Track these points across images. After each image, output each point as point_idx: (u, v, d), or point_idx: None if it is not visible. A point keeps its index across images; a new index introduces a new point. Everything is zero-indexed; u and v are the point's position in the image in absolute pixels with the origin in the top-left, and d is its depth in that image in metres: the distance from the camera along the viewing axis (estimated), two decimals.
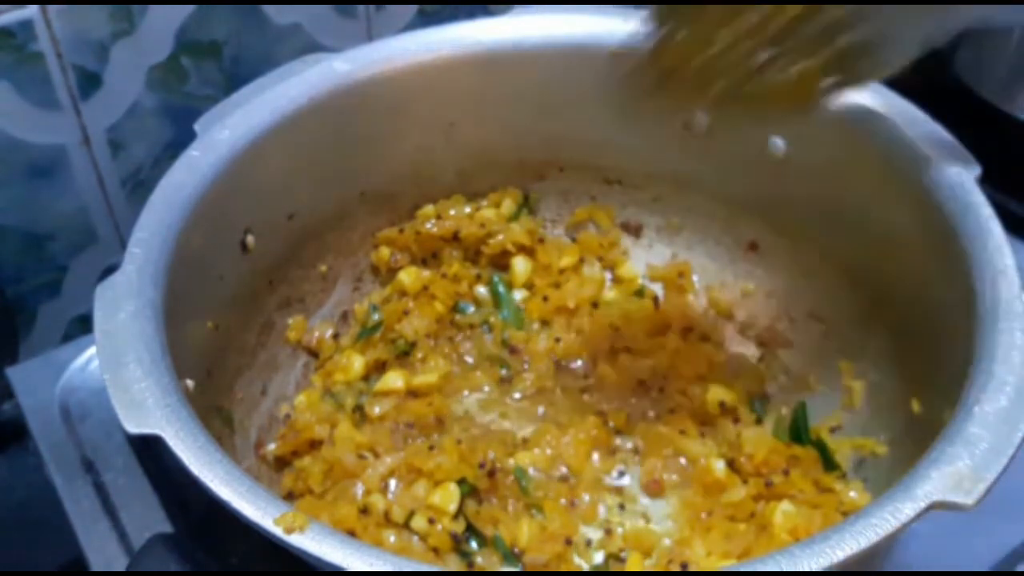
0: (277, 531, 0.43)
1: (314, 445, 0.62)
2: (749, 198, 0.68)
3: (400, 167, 0.68)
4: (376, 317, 0.67)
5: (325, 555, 0.42)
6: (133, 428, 0.46)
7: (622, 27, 0.66)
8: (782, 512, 0.56)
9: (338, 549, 0.42)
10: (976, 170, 0.57)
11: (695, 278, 0.71)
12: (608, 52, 0.61)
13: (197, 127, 0.60)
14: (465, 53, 0.66)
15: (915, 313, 0.58)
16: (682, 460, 0.61)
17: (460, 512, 0.58)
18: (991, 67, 0.81)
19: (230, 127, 0.60)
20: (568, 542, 0.57)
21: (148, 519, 0.57)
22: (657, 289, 0.71)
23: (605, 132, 0.69)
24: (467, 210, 0.70)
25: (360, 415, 0.64)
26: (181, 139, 0.60)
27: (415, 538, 0.57)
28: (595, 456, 0.62)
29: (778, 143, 0.64)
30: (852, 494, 0.57)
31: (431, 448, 0.60)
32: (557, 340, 0.67)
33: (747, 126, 0.64)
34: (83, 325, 0.78)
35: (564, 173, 0.72)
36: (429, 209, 0.70)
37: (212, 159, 0.59)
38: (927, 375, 0.55)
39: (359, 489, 0.58)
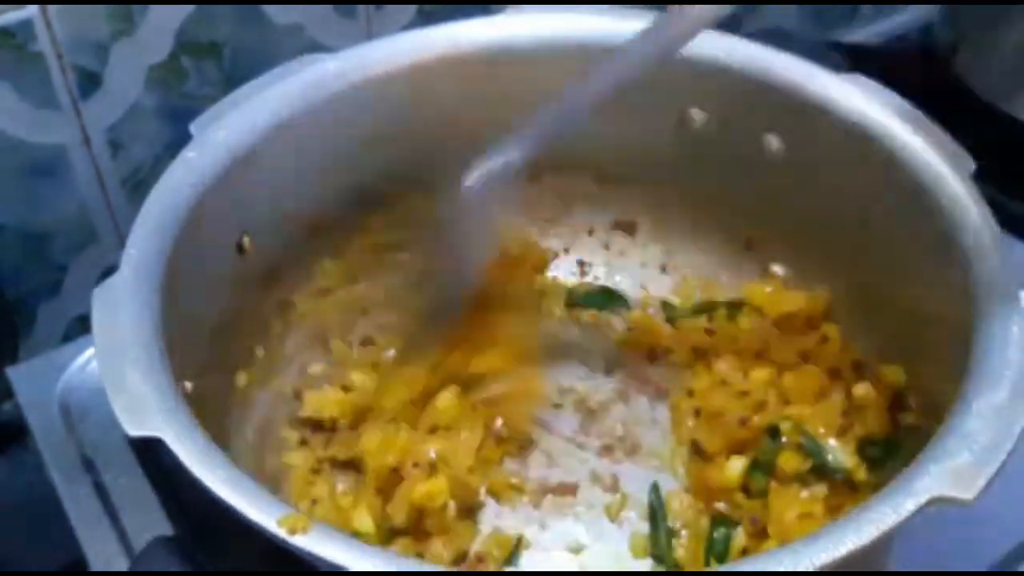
0: (280, 532, 0.43)
1: None
2: (745, 196, 0.68)
3: (397, 167, 0.68)
4: None
5: (328, 556, 0.42)
6: (133, 430, 0.46)
7: (620, 26, 0.66)
8: None
9: (341, 550, 0.43)
10: (970, 166, 0.57)
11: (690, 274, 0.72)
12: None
13: (193, 128, 0.60)
14: (462, 52, 0.66)
15: (912, 309, 0.58)
16: None
17: None
18: (991, 67, 0.81)
19: (226, 128, 0.60)
20: None
21: (148, 520, 0.57)
22: None
23: (601, 130, 0.68)
24: None
25: None
26: (181, 139, 0.60)
27: None
28: None
29: (773, 141, 0.65)
30: None
31: None
32: None
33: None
34: (83, 325, 0.77)
35: (560, 172, 0.72)
36: None
37: (208, 160, 0.58)
38: (926, 370, 0.56)
39: None
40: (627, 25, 0.66)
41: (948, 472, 0.44)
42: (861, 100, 0.61)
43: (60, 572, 0.61)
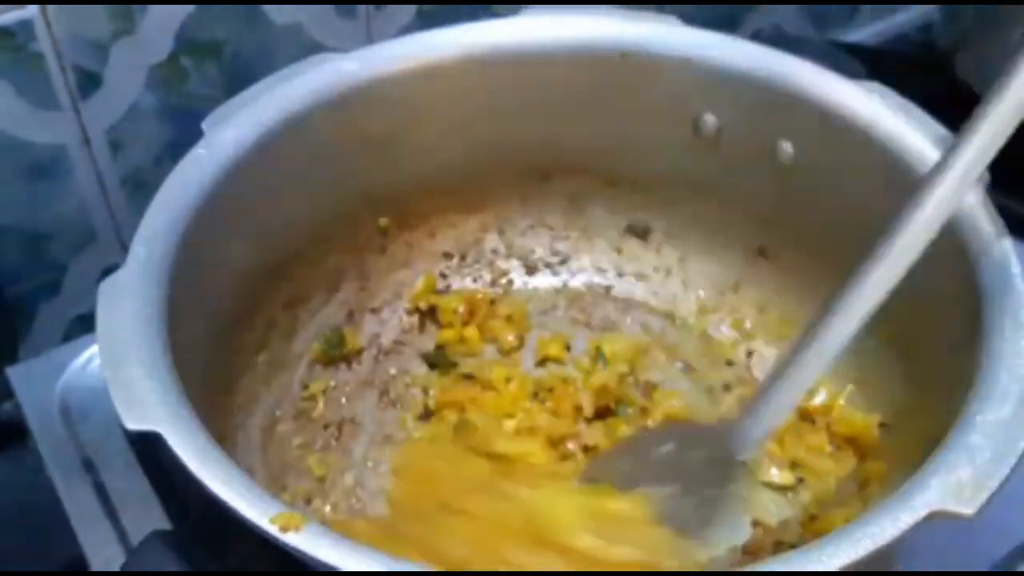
0: (272, 530, 0.43)
1: None
2: (758, 202, 0.68)
3: (405, 168, 0.68)
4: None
5: (320, 555, 0.42)
6: (132, 424, 0.46)
7: (627, 28, 0.66)
8: None
9: (333, 549, 0.42)
10: (985, 177, 0.57)
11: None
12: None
13: (204, 126, 0.60)
14: (472, 54, 0.66)
15: (920, 320, 0.58)
16: None
17: None
18: (991, 67, 0.81)
19: (236, 126, 0.60)
20: None
21: (148, 519, 0.57)
22: None
23: (612, 134, 0.69)
24: None
25: None
26: (181, 139, 0.60)
27: None
28: None
29: (786, 147, 0.64)
30: None
31: None
32: None
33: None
34: (83, 325, 0.77)
35: (571, 175, 0.72)
36: None
37: (218, 158, 0.59)
38: (930, 382, 0.56)
39: None
40: (634, 27, 0.66)
41: (949, 486, 0.44)
42: (877, 108, 0.61)
43: (60, 572, 0.61)
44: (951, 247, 0.54)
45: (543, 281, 0.74)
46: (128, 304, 0.51)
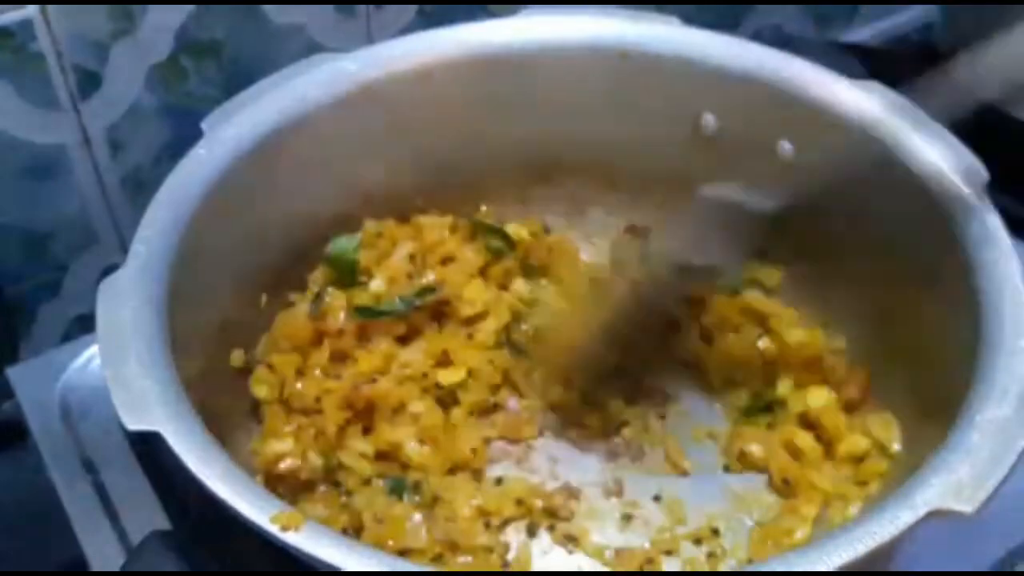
0: (273, 529, 0.43)
1: None
2: (758, 202, 0.67)
3: (405, 168, 0.68)
4: None
5: (320, 554, 0.42)
6: (132, 424, 0.46)
7: (628, 28, 0.66)
8: None
9: (333, 548, 0.43)
10: (984, 177, 0.57)
11: None
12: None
13: (204, 126, 0.60)
14: (472, 54, 0.66)
15: (919, 319, 0.58)
16: None
17: None
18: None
19: (237, 126, 0.60)
20: None
21: (147, 518, 0.57)
22: None
23: (612, 134, 0.69)
24: None
25: None
26: (181, 139, 0.60)
27: None
28: None
29: (786, 147, 0.64)
30: None
31: None
32: None
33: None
34: (83, 325, 0.77)
35: (570, 175, 0.72)
36: None
37: (218, 158, 0.59)
38: (930, 382, 0.56)
39: None
40: (634, 27, 0.66)
41: (949, 485, 0.44)
42: (876, 108, 0.61)
43: (60, 572, 0.61)
44: (952, 247, 0.55)
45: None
46: (128, 304, 0.51)
